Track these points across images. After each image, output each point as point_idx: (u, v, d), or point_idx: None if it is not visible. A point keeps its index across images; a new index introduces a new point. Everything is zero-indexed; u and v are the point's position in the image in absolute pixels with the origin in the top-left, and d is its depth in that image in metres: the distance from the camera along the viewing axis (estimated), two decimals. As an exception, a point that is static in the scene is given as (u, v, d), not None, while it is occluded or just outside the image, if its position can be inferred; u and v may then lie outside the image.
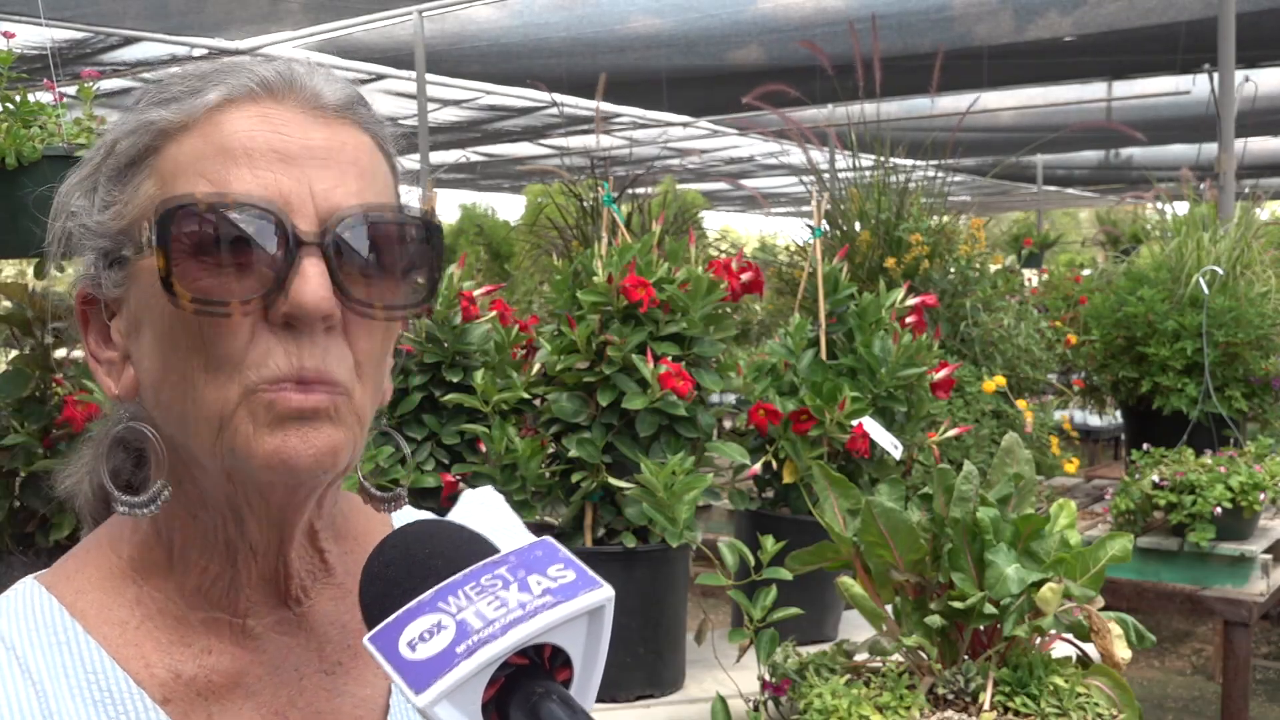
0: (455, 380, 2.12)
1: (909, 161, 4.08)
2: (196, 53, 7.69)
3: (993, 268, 4.21)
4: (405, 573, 0.72)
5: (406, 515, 1.04)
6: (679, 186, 10.99)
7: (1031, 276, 6.35)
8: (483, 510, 1.07)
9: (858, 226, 3.86)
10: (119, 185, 0.82)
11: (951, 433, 2.63)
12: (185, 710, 0.82)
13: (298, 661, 0.88)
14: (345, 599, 0.91)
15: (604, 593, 0.68)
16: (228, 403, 0.76)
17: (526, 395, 2.10)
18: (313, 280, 0.75)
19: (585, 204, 3.35)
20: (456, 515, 1.06)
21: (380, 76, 8.45)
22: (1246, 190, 6.03)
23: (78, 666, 0.81)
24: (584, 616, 0.68)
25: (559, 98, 7.00)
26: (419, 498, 2.04)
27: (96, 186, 0.83)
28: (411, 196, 0.90)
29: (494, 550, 0.73)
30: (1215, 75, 5.56)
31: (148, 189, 0.80)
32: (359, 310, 0.79)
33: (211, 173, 0.77)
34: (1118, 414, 4.98)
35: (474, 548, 0.73)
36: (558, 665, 0.69)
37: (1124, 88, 8.96)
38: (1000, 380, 3.69)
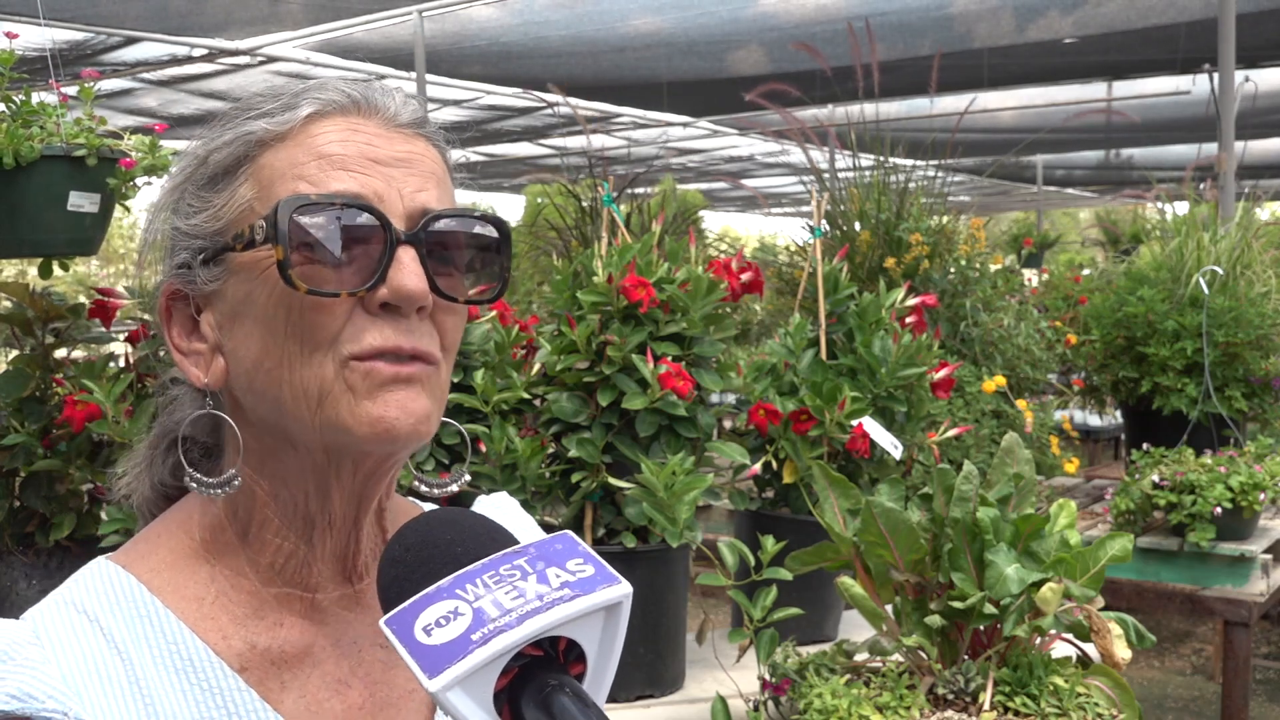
0: (455, 380, 2.12)
1: (909, 161, 4.08)
2: (196, 53, 7.67)
3: (993, 268, 4.20)
4: (425, 557, 0.72)
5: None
6: (679, 186, 10.99)
7: (1031, 276, 6.34)
8: (498, 514, 1.10)
9: (858, 226, 3.86)
10: (213, 191, 0.90)
11: (951, 433, 2.63)
12: (261, 678, 0.88)
13: (356, 635, 0.94)
14: None
15: (622, 589, 0.69)
16: (325, 378, 0.84)
17: (526, 395, 2.10)
18: (411, 269, 0.85)
19: (585, 204, 3.35)
20: None
21: (380, 77, 8.43)
22: (1246, 190, 6.02)
23: (159, 637, 0.87)
24: (600, 612, 0.69)
25: (558, 99, 6.99)
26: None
27: (185, 194, 0.92)
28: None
29: (514, 542, 0.74)
30: (1215, 75, 5.56)
31: (245, 192, 0.89)
32: (445, 298, 0.88)
33: (311, 176, 0.86)
34: (1118, 414, 4.98)
35: (494, 537, 0.74)
36: (572, 659, 0.69)
37: (1124, 88, 8.96)
38: (1000, 380, 3.69)
